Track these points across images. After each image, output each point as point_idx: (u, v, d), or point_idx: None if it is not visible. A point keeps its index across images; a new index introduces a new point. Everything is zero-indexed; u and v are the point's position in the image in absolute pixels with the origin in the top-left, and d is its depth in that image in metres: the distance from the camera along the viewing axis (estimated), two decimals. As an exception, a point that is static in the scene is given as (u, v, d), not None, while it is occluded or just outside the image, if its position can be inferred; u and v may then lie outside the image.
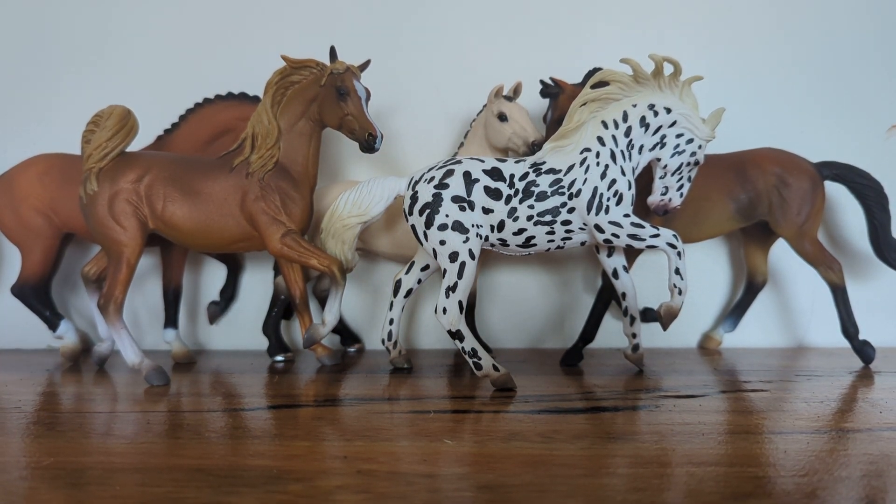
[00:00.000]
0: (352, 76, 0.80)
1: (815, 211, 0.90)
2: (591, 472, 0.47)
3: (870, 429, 0.58)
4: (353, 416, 0.62)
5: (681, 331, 1.01)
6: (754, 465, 0.48)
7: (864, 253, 1.00)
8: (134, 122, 0.80)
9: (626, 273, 0.81)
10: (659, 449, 0.52)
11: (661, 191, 0.80)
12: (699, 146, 0.78)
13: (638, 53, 0.79)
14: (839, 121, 1.04)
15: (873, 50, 1.05)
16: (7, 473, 0.47)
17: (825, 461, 0.49)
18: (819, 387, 0.74)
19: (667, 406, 0.65)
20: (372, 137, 0.79)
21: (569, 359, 0.89)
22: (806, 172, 0.90)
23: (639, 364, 0.84)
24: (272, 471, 0.47)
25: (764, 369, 0.85)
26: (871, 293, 1.02)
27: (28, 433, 0.58)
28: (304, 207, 0.83)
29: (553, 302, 1.05)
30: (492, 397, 0.70)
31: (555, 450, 0.52)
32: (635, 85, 0.77)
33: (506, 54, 1.04)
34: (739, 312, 1.02)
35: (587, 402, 0.68)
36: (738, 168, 0.90)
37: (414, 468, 0.47)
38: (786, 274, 1.05)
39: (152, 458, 0.51)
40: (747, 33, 1.05)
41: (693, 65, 0.80)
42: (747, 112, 1.01)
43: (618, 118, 0.77)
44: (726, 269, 1.07)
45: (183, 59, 1.05)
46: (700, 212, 0.89)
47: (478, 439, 0.55)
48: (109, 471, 0.47)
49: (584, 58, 0.95)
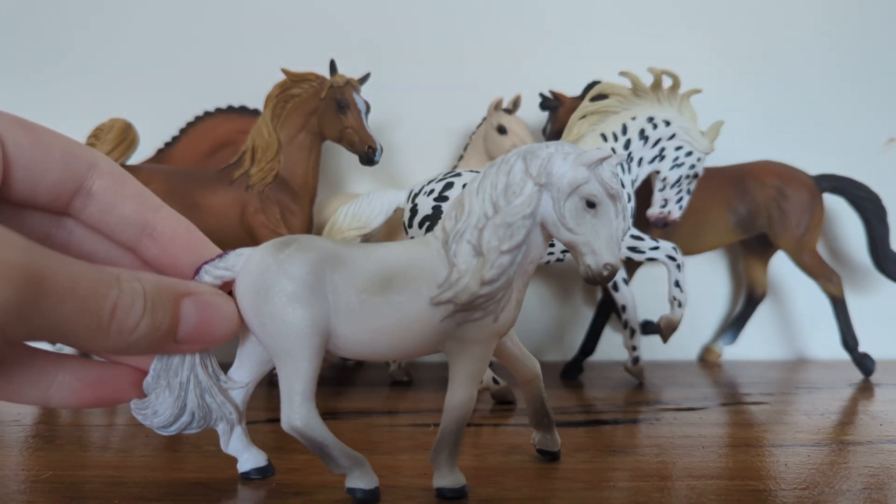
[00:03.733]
0: (352, 89, 0.81)
1: (815, 223, 0.90)
2: (591, 485, 0.46)
3: (870, 441, 0.58)
4: (352, 430, 0.62)
5: (681, 343, 1.01)
6: (755, 479, 0.48)
7: (863, 265, 1.01)
8: (134, 135, 0.80)
9: (625, 285, 0.81)
10: (659, 462, 0.52)
11: (661, 203, 0.80)
12: (698, 159, 0.78)
13: (637, 66, 0.79)
14: (837, 134, 1.05)
15: (871, 64, 1.05)
16: (5, 487, 0.47)
17: (826, 474, 0.49)
18: (819, 399, 0.74)
19: (667, 419, 0.65)
20: (372, 150, 0.79)
21: (569, 371, 0.89)
22: (805, 185, 0.90)
23: (639, 377, 0.83)
24: (272, 484, 0.46)
25: (764, 382, 0.85)
26: (870, 305, 1.02)
27: (27, 446, 0.58)
28: (304, 220, 0.83)
29: (553, 314, 1.05)
30: (491, 410, 0.70)
31: (555, 463, 0.51)
32: (634, 98, 0.77)
33: (505, 67, 1.05)
34: (739, 325, 1.02)
35: (587, 415, 0.67)
36: (737, 181, 0.91)
37: (414, 482, 0.47)
38: (785, 286, 1.05)
39: (151, 471, 0.50)
40: (746, 47, 1.05)
41: (692, 78, 0.81)
42: (746, 125, 1.02)
43: (617, 131, 0.77)
44: (726, 281, 1.07)
45: (183, 72, 1.06)
46: (700, 224, 0.89)
47: (477, 452, 0.54)
48: (108, 484, 0.47)
49: (583, 71, 0.95)
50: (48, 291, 0.27)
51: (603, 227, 0.38)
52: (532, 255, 0.41)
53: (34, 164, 0.33)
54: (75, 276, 0.29)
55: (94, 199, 0.36)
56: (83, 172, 0.35)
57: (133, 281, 0.32)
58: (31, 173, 0.34)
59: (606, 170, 0.38)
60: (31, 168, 0.33)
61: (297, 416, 0.41)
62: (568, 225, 0.39)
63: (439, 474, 0.43)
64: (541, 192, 0.39)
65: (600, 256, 0.38)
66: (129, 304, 0.31)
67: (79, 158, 0.35)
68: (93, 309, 0.29)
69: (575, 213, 0.38)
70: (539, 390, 0.50)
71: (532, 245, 0.40)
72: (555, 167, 0.39)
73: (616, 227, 0.38)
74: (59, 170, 0.34)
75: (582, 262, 0.39)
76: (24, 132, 0.33)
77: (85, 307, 0.29)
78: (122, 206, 0.37)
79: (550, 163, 0.39)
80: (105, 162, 0.36)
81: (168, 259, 0.39)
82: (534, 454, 0.53)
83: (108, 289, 0.30)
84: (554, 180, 0.38)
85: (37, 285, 0.27)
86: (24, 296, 0.26)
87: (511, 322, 0.43)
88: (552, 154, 0.39)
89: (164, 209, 0.38)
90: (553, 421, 0.51)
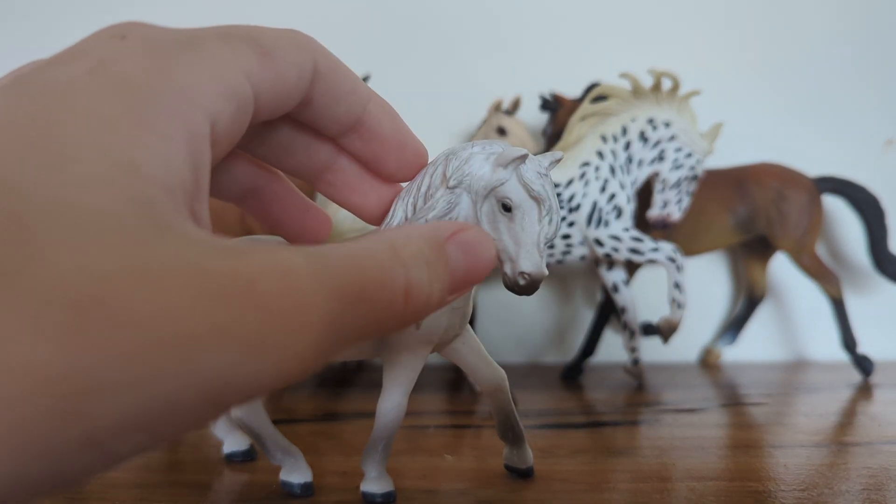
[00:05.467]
0: (352, 91, 0.81)
1: (814, 224, 0.90)
2: (591, 487, 0.47)
3: (869, 442, 0.58)
4: (352, 432, 0.62)
5: (681, 345, 1.01)
6: (755, 480, 0.48)
7: (862, 267, 1.01)
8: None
9: (625, 287, 0.81)
10: (659, 464, 0.52)
11: (661, 205, 0.80)
12: (698, 160, 0.78)
13: (637, 68, 0.79)
14: (837, 135, 1.05)
15: (869, 65, 1.05)
16: (6, 489, 0.47)
17: (825, 475, 0.49)
18: (819, 400, 0.74)
19: (667, 420, 0.65)
20: (372, 152, 0.79)
21: (569, 373, 0.89)
22: (804, 186, 0.90)
23: (639, 378, 0.83)
24: (271, 486, 0.46)
25: (764, 383, 0.85)
26: (870, 306, 1.02)
27: (27, 448, 0.58)
28: (304, 222, 0.83)
29: (553, 316, 1.05)
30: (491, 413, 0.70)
31: (555, 465, 0.51)
32: (634, 100, 0.78)
33: (505, 69, 1.05)
34: (739, 326, 1.02)
35: (587, 417, 0.67)
36: (736, 182, 0.91)
37: (414, 484, 0.47)
38: (785, 288, 1.05)
39: (151, 473, 0.50)
40: (746, 49, 1.05)
41: (692, 80, 0.81)
42: (746, 127, 1.02)
43: (617, 132, 0.77)
44: (726, 282, 1.07)
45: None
46: (699, 226, 0.90)
47: (478, 454, 0.55)
48: (108, 486, 0.47)
49: (584, 72, 0.95)
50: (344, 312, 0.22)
51: (523, 233, 0.34)
52: None
53: (277, 94, 0.29)
54: (360, 274, 0.23)
55: (312, 104, 0.31)
56: (308, 80, 0.30)
57: (410, 245, 0.26)
58: (273, 103, 0.29)
59: (530, 170, 0.35)
60: (275, 98, 0.29)
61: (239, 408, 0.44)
62: (485, 229, 0.35)
63: (367, 478, 0.43)
64: (456, 195, 0.36)
65: (516, 264, 0.34)
66: (419, 280, 0.25)
67: (305, 67, 0.30)
68: (385, 302, 0.24)
69: (491, 216, 0.35)
70: (503, 402, 0.47)
71: None
72: (473, 168, 0.36)
73: (540, 232, 0.34)
74: (294, 87, 0.29)
75: (501, 269, 0.35)
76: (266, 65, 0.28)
77: (377, 306, 0.23)
78: (337, 107, 0.32)
79: (468, 163, 0.36)
80: (322, 58, 0.31)
81: (371, 154, 0.34)
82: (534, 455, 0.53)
83: (393, 272, 0.24)
84: (472, 182, 0.35)
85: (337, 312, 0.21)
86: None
87: (442, 329, 0.40)
88: (473, 154, 0.36)
89: (372, 100, 0.33)
90: (521, 435, 0.47)
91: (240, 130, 0.27)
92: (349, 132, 0.33)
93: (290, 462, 0.45)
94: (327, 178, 0.35)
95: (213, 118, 0.24)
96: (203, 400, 0.18)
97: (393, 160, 0.35)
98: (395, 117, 0.34)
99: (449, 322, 0.40)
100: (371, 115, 0.33)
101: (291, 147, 0.34)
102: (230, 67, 0.26)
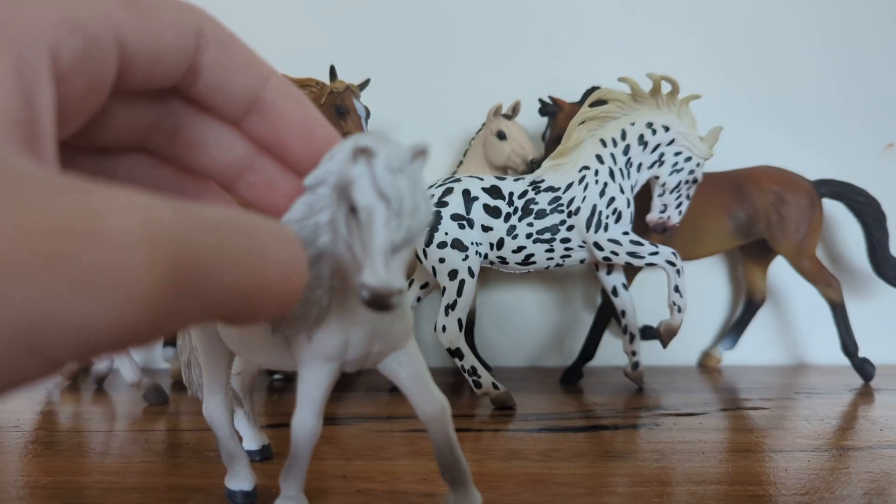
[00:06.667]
0: (351, 95, 0.81)
1: (814, 228, 0.90)
2: (591, 490, 0.46)
3: (870, 447, 0.58)
4: (352, 435, 0.62)
5: (680, 348, 1.01)
6: (755, 484, 0.48)
7: (862, 270, 1.01)
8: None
9: (625, 291, 0.81)
10: (659, 467, 0.52)
11: (660, 208, 0.80)
12: (697, 164, 0.78)
13: (636, 72, 0.80)
14: (836, 139, 1.05)
15: (870, 69, 1.05)
16: (5, 493, 0.47)
17: (826, 479, 0.49)
18: (819, 404, 0.74)
19: (667, 424, 0.65)
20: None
21: (568, 377, 0.89)
22: (804, 190, 0.90)
23: (639, 382, 0.83)
24: (271, 489, 0.46)
25: (764, 387, 0.85)
26: (870, 310, 1.02)
27: (26, 452, 0.58)
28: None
29: (552, 320, 1.05)
30: (491, 416, 0.70)
31: (555, 468, 0.51)
32: (633, 103, 0.78)
33: (504, 73, 1.05)
34: (739, 330, 1.02)
35: (587, 421, 0.67)
36: (736, 186, 0.91)
37: (413, 487, 0.47)
38: (785, 291, 1.05)
39: (151, 477, 0.50)
40: (745, 52, 1.06)
41: (691, 83, 0.81)
42: (745, 130, 1.02)
43: (616, 136, 0.77)
44: (725, 286, 1.07)
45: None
46: (699, 229, 0.90)
47: (477, 458, 0.54)
48: (108, 490, 0.47)
49: (583, 76, 0.95)
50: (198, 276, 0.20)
51: (368, 238, 0.28)
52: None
53: (149, 49, 0.26)
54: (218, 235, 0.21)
55: (203, 74, 0.29)
56: (192, 44, 0.28)
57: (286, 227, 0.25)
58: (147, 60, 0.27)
59: (381, 165, 0.28)
60: (147, 54, 0.26)
61: (205, 406, 0.45)
62: (343, 235, 0.30)
63: (283, 496, 0.41)
64: (319, 196, 0.31)
65: (360, 275, 0.28)
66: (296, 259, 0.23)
67: (186, 28, 0.28)
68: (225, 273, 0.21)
69: (345, 219, 0.30)
70: (442, 435, 0.39)
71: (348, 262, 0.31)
72: (334, 165, 0.30)
73: (387, 237, 0.28)
74: (172, 46, 0.27)
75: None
76: (135, 14, 0.26)
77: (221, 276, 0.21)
78: (231, 81, 0.30)
79: (333, 160, 0.30)
80: (211, 26, 0.29)
81: (275, 138, 0.32)
82: (534, 459, 0.53)
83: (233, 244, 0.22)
84: (337, 180, 0.30)
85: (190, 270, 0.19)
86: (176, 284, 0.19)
87: (342, 346, 0.35)
88: (340, 149, 0.30)
89: (273, 78, 0.31)
90: (464, 476, 0.39)
91: (102, 73, 0.25)
92: (250, 113, 0.31)
93: (232, 467, 0.45)
94: (248, 180, 0.33)
95: (53, 50, 0.22)
96: (10, 339, 0.16)
97: (299, 145, 0.32)
98: (303, 101, 0.32)
99: (356, 338, 0.35)
100: (272, 93, 0.31)
101: (202, 142, 0.32)
102: (78, 2, 0.24)
